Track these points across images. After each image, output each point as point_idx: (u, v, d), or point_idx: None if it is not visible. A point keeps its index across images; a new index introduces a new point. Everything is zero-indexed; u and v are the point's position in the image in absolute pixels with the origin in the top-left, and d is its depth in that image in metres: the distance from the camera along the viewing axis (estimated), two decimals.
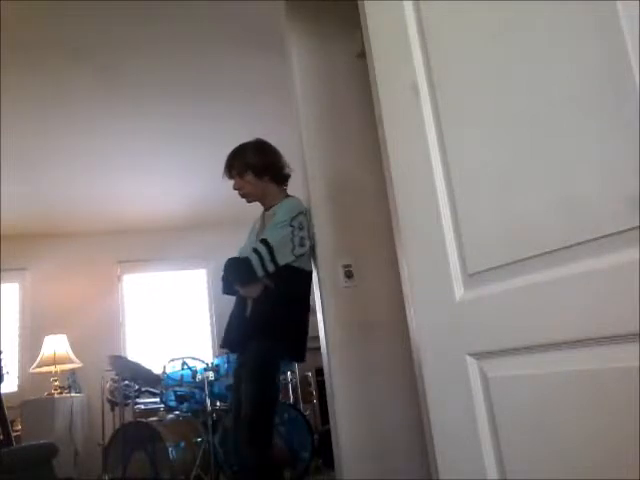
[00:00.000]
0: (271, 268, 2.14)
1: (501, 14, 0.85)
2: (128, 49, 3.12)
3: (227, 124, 4.02)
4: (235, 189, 2.34)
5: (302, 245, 2.22)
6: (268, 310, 2.18)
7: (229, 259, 2.27)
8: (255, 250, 2.15)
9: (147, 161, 4.57)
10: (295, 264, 2.21)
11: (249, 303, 2.22)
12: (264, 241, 2.17)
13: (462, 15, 0.93)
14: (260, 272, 2.13)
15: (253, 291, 2.19)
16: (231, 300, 2.45)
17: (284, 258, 2.17)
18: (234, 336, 2.28)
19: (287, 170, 2.39)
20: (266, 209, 2.39)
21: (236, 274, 2.22)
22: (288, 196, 2.38)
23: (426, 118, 0.99)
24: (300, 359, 2.30)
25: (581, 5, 0.73)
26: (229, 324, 2.35)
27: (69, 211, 5.24)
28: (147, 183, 4.96)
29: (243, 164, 2.31)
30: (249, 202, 2.40)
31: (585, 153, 0.73)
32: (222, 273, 2.34)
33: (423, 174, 0.99)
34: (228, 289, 2.33)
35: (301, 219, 2.25)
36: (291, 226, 2.21)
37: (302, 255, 2.24)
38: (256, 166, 2.31)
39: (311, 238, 2.29)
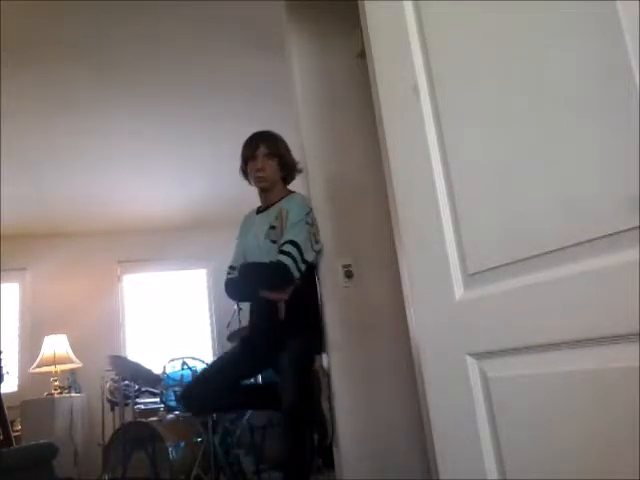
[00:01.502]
0: (303, 268, 2.16)
1: (501, 14, 0.85)
2: (128, 49, 3.12)
3: (227, 124, 4.02)
4: (258, 168, 2.28)
5: (317, 242, 2.26)
6: (303, 308, 2.22)
7: (253, 264, 2.25)
8: (287, 253, 2.13)
9: (147, 161, 4.58)
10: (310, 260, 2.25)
11: (281, 305, 2.19)
12: (293, 242, 2.16)
13: (462, 15, 0.93)
14: (296, 274, 2.14)
15: (285, 294, 2.17)
16: (230, 301, 2.45)
17: (309, 256, 2.20)
18: (266, 341, 2.25)
19: (298, 172, 2.41)
20: (270, 203, 2.34)
21: (271, 279, 2.18)
22: (290, 192, 2.38)
23: (426, 118, 0.99)
24: (323, 350, 2.31)
25: (581, 5, 0.73)
26: (255, 332, 2.34)
27: (69, 211, 5.24)
28: (147, 183, 4.96)
29: (276, 148, 2.31)
30: (261, 187, 2.34)
31: (585, 153, 0.73)
32: (229, 278, 2.33)
33: (423, 174, 0.99)
34: (245, 295, 2.36)
35: (312, 215, 2.29)
36: (307, 223, 2.23)
37: (319, 251, 2.27)
38: (284, 157, 2.33)
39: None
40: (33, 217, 5.24)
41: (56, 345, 4.95)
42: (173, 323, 5.83)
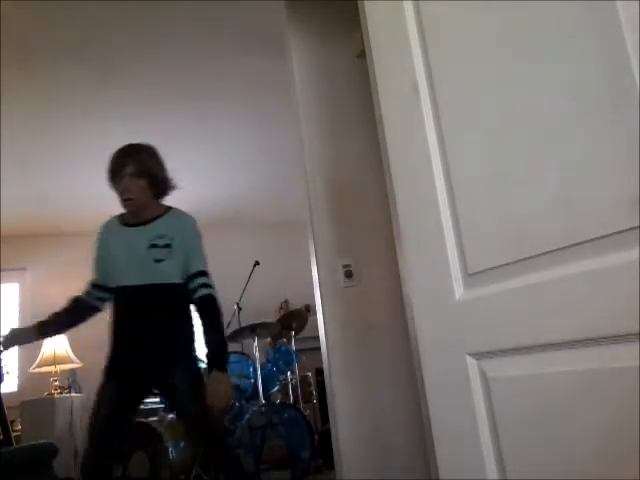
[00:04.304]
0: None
1: (501, 14, 0.85)
2: (129, 50, 3.12)
3: (227, 125, 4.03)
4: (122, 190, 2.08)
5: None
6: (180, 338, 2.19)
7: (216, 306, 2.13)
8: (208, 285, 2.11)
9: None
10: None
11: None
12: (205, 273, 2.13)
13: (462, 15, 0.93)
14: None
15: None
16: (230, 301, 2.45)
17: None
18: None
19: (172, 188, 2.24)
20: (145, 220, 2.17)
21: (219, 314, 2.13)
22: (168, 207, 2.25)
23: (426, 118, 0.99)
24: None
25: (581, 5, 0.73)
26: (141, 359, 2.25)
27: (69, 211, 5.24)
28: None
29: (145, 167, 2.11)
30: (128, 208, 2.15)
31: (585, 153, 0.73)
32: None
33: (423, 174, 0.99)
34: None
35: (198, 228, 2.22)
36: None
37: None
38: (153, 175, 2.14)
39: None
40: (33, 217, 5.24)
41: (56, 345, 4.95)
42: None
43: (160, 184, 2.18)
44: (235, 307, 4.74)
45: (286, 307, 5.74)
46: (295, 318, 4.58)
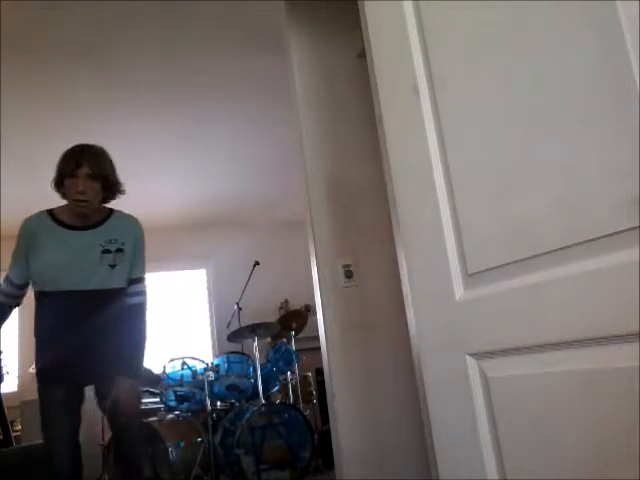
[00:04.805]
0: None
1: (501, 14, 0.85)
2: (128, 50, 3.12)
3: (226, 125, 4.03)
4: (77, 191, 2.03)
5: None
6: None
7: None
8: (144, 292, 2.17)
9: (147, 161, 4.57)
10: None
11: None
12: (143, 279, 2.18)
13: (462, 15, 0.93)
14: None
15: None
16: (230, 301, 2.45)
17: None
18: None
19: (121, 193, 2.23)
20: (91, 223, 2.14)
21: (144, 322, 2.17)
22: (113, 211, 2.24)
23: (426, 118, 0.99)
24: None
25: (581, 5, 0.73)
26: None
27: None
28: (146, 183, 4.96)
29: (101, 169, 2.07)
30: (80, 211, 2.10)
31: (585, 153, 0.73)
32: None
33: (423, 174, 0.99)
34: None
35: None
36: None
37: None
38: (108, 178, 2.12)
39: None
40: None
41: None
42: (173, 323, 5.83)
43: (112, 188, 2.17)
44: (235, 307, 4.74)
45: (286, 307, 5.75)
46: (295, 318, 4.58)
